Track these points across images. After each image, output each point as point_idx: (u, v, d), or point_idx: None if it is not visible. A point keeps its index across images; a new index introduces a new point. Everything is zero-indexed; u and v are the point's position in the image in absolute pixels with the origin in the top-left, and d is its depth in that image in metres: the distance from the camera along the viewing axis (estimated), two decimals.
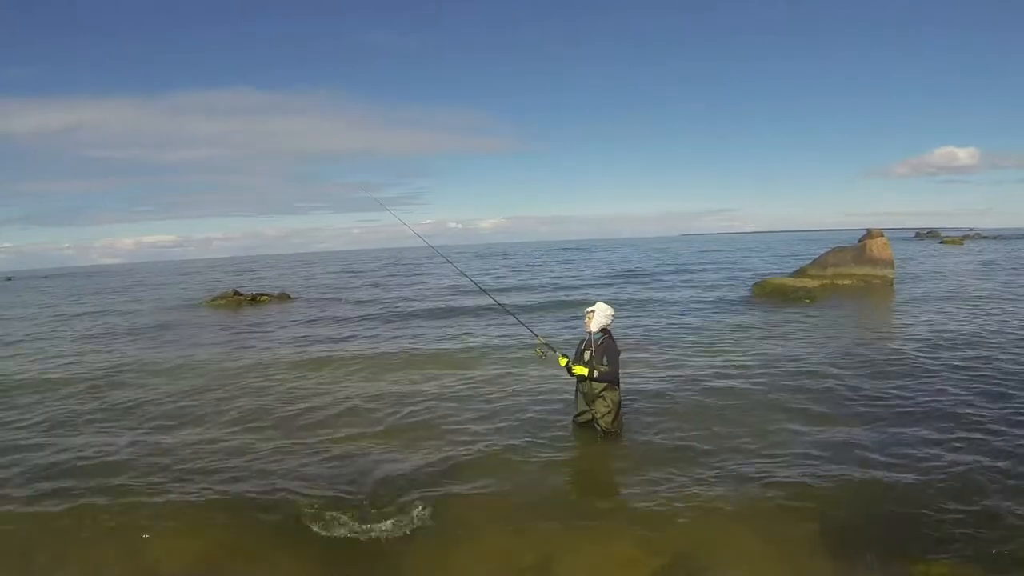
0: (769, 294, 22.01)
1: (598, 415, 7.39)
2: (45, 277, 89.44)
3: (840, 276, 24.66)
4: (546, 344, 7.90)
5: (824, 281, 23.79)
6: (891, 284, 23.96)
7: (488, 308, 18.28)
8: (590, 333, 7.46)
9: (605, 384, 7.29)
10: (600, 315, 7.40)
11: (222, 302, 27.90)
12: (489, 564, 5.11)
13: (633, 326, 16.30)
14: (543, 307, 21.75)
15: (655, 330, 15.78)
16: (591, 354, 7.33)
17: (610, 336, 7.46)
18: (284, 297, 29.25)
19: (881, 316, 17.81)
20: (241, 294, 28.72)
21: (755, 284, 23.98)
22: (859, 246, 25.96)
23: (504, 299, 17.03)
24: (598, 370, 7.23)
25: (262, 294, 29.26)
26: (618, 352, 7.44)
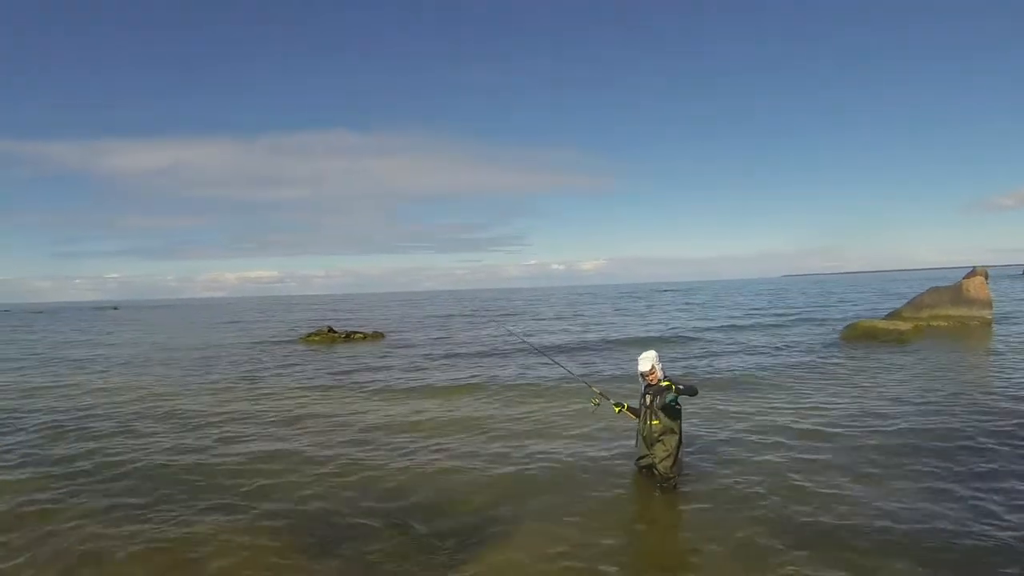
0: (859, 337, 21.55)
1: (656, 459, 7.57)
2: (151, 308, 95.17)
3: (936, 318, 23.98)
4: (601, 394, 8.27)
5: (919, 323, 23.16)
6: (989, 325, 23.08)
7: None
8: (646, 383, 7.66)
9: (665, 428, 7.49)
10: (646, 360, 7.62)
11: (316, 338, 29.23)
12: None
13: (713, 368, 16.40)
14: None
15: (736, 371, 15.87)
16: (651, 398, 7.56)
17: (667, 377, 7.59)
18: (377, 335, 30.34)
19: (974, 360, 17.17)
20: (335, 331, 29.98)
21: (845, 327, 23.51)
22: (956, 286, 25.14)
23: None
24: (679, 389, 7.36)
25: (355, 332, 30.49)
26: (685, 383, 7.62)
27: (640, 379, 7.71)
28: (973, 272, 25.55)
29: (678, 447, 7.58)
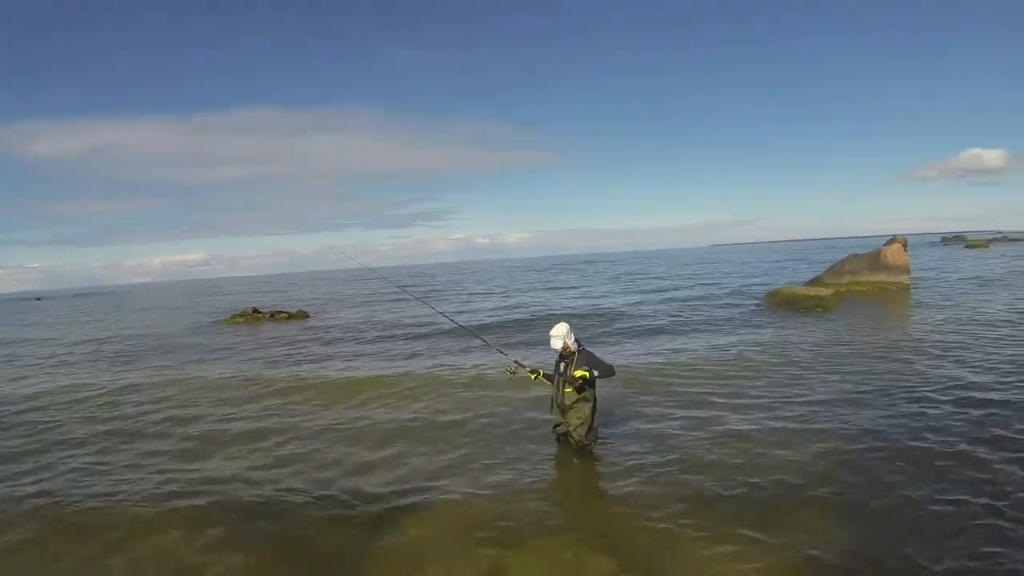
0: (780, 303, 21.84)
1: (571, 427, 7.46)
2: (75, 296, 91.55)
3: (856, 284, 24.49)
4: (516, 362, 8.10)
5: (839, 289, 23.60)
6: (907, 290, 23.69)
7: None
8: (560, 352, 7.52)
9: (579, 396, 7.36)
10: (558, 339, 7.43)
11: (241, 319, 28.41)
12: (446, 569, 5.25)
13: (638, 330, 16.37)
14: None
15: (662, 337, 15.84)
16: (566, 365, 7.42)
17: (581, 347, 7.52)
18: (302, 314, 29.61)
19: (893, 323, 17.53)
20: (260, 312, 29.22)
21: (767, 294, 23.83)
22: (874, 253, 25.74)
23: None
24: (593, 374, 7.28)
25: (280, 311, 29.71)
26: (596, 356, 7.51)
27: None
28: (892, 240, 26.23)
29: (592, 414, 7.48)
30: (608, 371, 7.42)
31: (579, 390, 7.33)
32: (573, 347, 7.43)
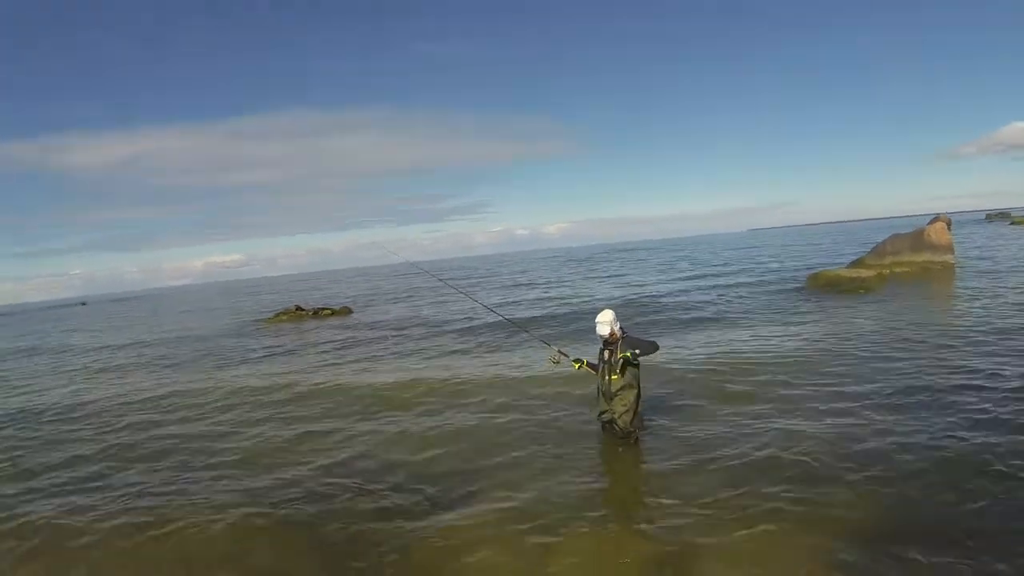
0: (823, 286, 21.70)
1: (616, 414, 7.59)
2: (116, 301, 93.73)
3: (898, 264, 24.18)
4: (559, 352, 8.19)
5: (882, 270, 23.35)
6: (951, 270, 23.34)
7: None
8: (604, 340, 7.65)
9: (624, 383, 7.48)
10: (604, 325, 7.56)
11: (285, 318, 29.01)
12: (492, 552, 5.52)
13: (680, 319, 16.46)
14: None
15: (705, 326, 15.94)
16: (611, 352, 7.56)
17: (625, 333, 7.67)
18: (346, 310, 30.11)
19: (938, 306, 17.30)
20: (303, 309, 29.80)
21: (809, 276, 23.67)
22: (916, 232, 25.40)
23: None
24: (635, 353, 7.42)
25: (324, 308, 30.27)
26: (637, 338, 7.71)
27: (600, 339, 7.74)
28: (936, 219, 25.82)
29: (637, 401, 7.61)
30: (650, 348, 7.52)
31: (623, 373, 7.45)
32: (619, 333, 7.57)
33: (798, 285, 23.10)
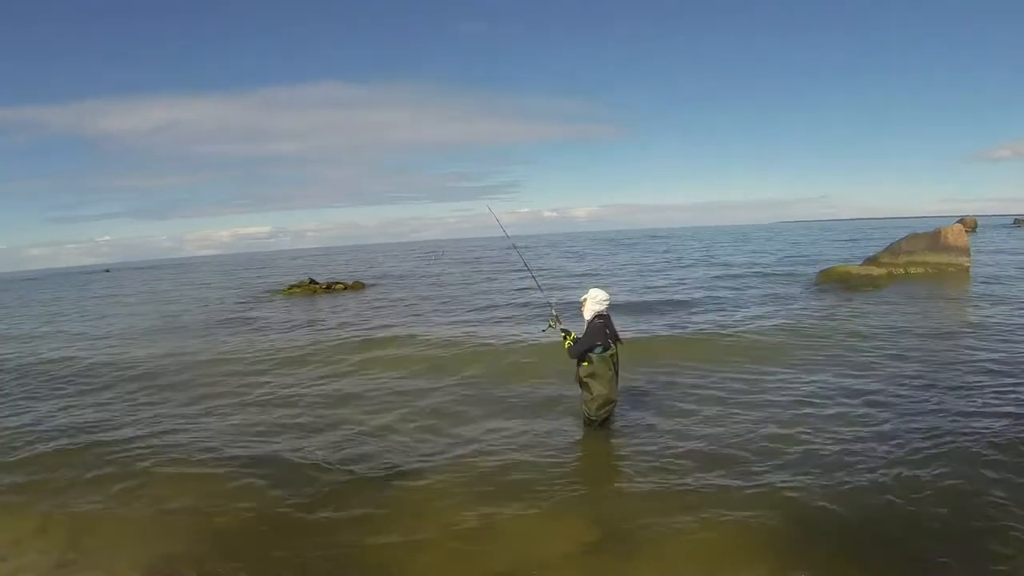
0: (832, 281, 21.58)
1: (583, 401, 7.63)
2: (142, 269, 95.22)
3: (912, 264, 23.87)
4: (557, 318, 8.12)
5: (895, 269, 23.13)
6: (966, 272, 22.99)
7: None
8: (587, 320, 7.56)
9: (588, 372, 7.39)
10: (592, 302, 7.50)
11: (298, 290, 29.34)
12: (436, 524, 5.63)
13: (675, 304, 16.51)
14: None
15: (699, 311, 15.93)
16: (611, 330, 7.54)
17: (599, 319, 7.49)
18: (358, 285, 30.41)
19: (941, 307, 17.11)
20: (316, 282, 30.11)
21: (820, 272, 23.50)
22: (934, 233, 25.02)
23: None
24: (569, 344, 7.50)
25: (336, 282, 30.57)
26: (591, 332, 7.44)
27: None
28: (961, 221, 25.48)
29: (594, 391, 7.45)
30: (572, 354, 7.46)
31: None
32: (586, 312, 7.55)
33: (808, 279, 22.95)
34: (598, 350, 7.33)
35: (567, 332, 7.72)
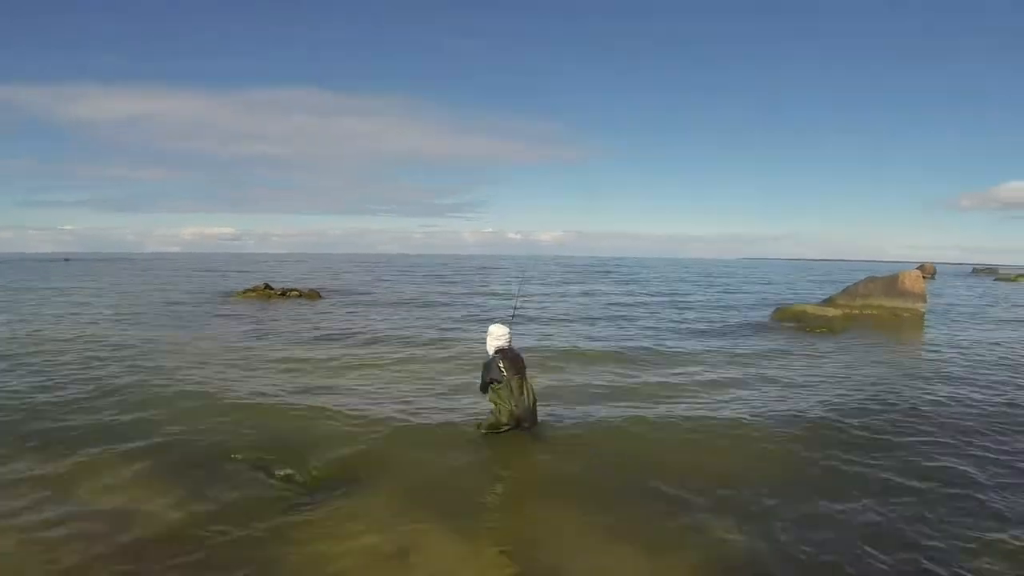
0: (787, 319, 21.62)
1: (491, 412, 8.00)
2: (102, 260, 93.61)
3: (868, 307, 24.03)
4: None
5: (852, 311, 23.27)
6: (921, 318, 23.21)
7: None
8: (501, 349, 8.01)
9: (493, 399, 7.87)
10: (491, 338, 8.06)
11: (252, 295, 28.76)
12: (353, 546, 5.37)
13: (630, 343, 16.30)
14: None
15: (654, 343, 15.75)
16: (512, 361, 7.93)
17: (500, 353, 7.91)
18: (314, 294, 29.88)
19: (890, 350, 17.16)
20: (271, 288, 29.54)
21: (776, 310, 23.56)
22: (891, 277, 25.27)
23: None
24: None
25: (292, 289, 30.00)
26: (488, 367, 7.86)
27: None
28: (920, 267, 25.81)
29: (504, 408, 7.76)
30: (481, 388, 8.03)
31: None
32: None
33: (762, 316, 23.00)
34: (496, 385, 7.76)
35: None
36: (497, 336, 8.01)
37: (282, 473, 6.82)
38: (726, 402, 10.19)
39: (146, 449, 7.59)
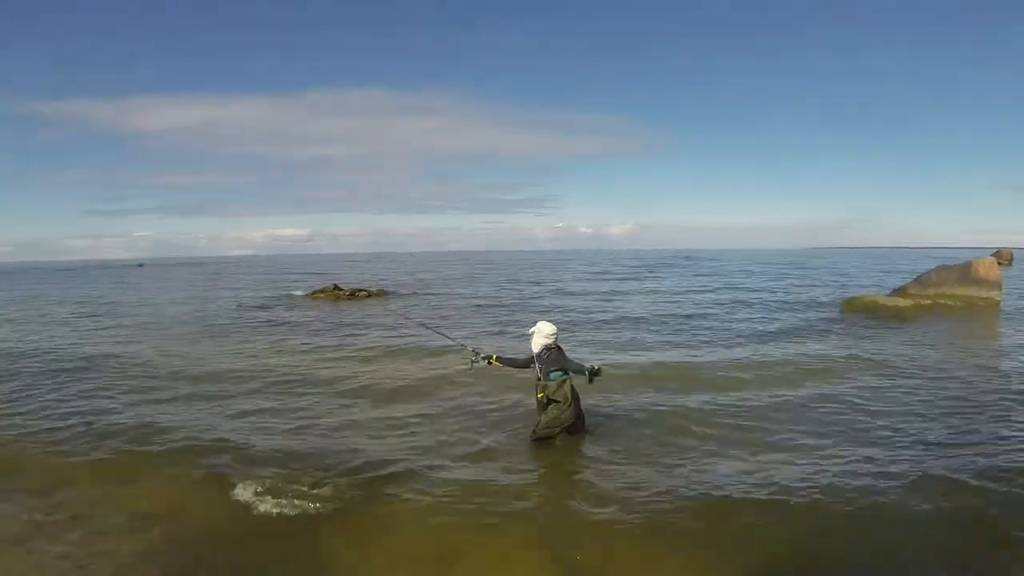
0: (857, 311, 21.28)
1: (540, 422, 7.75)
2: (175, 265, 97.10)
3: (942, 296, 23.41)
4: (472, 351, 8.39)
5: (923, 300, 22.69)
6: (996, 307, 22.48)
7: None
8: (535, 353, 7.77)
9: (549, 403, 7.63)
10: (539, 335, 7.74)
11: (322, 296, 29.67)
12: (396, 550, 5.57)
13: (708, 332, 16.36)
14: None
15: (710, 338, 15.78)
16: (541, 367, 7.69)
17: (557, 350, 7.75)
18: (381, 293, 30.65)
19: (968, 343, 16.63)
20: (341, 289, 30.42)
21: (845, 301, 23.18)
22: (964, 265, 24.54)
23: None
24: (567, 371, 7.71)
25: (360, 289, 30.82)
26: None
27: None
28: (996, 253, 24.96)
29: (554, 416, 7.65)
30: (575, 370, 7.80)
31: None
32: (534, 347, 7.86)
33: (833, 307, 22.65)
34: (556, 374, 7.61)
35: (488, 357, 8.23)
36: (547, 334, 7.70)
37: (323, 479, 6.85)
38: None
39: (195, 450, 8.04)
